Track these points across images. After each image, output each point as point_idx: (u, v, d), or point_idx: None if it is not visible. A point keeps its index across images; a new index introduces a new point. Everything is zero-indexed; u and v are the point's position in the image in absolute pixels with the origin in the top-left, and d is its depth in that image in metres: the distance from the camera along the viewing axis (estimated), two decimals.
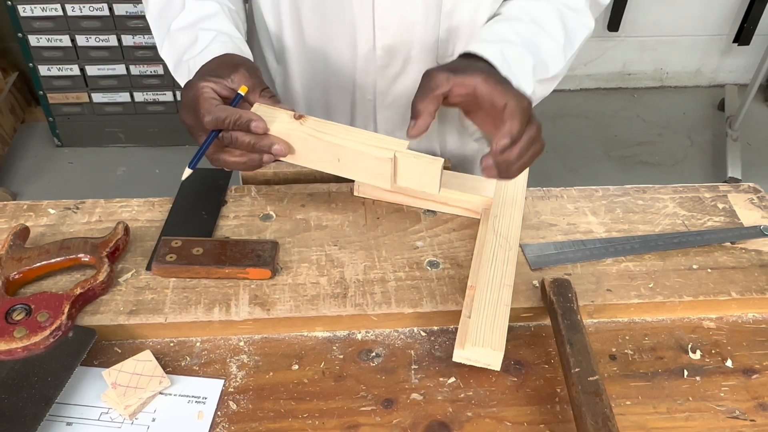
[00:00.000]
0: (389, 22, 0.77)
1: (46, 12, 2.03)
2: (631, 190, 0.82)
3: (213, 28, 0.75)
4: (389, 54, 0.80)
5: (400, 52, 0.80)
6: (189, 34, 0.75)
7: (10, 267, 0.64)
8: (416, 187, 0.67)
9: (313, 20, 0.79)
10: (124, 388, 0.57)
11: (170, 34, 0.77)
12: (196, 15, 0.77)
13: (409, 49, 0.80)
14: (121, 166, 2.31)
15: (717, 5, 2.67)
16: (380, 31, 0.78)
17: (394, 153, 0.65)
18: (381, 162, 0.65)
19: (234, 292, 0.66)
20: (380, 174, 0.66)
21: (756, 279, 0.70)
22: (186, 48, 0.75)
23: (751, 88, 2.40)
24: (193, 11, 0.77)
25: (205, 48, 0.72)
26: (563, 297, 0.64)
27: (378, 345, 0.64)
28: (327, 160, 0.67)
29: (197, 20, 0.76)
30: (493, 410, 0.59)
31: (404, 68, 0.82)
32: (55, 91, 2.21)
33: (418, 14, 0.77)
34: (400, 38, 0.79)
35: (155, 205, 0.76)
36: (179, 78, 0.76)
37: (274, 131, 0.65)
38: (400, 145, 0.66)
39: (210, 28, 0.75)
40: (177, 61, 0.76)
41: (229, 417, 0.57)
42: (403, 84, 0.84)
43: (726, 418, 0.59)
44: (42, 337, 0.59)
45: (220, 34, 0.74)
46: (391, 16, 0.77)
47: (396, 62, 0.81)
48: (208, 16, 0.77)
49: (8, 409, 0.54)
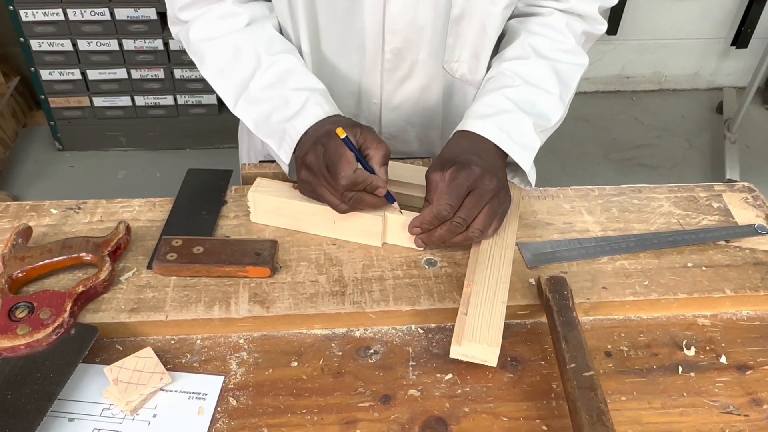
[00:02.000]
0: (399, 26, 0.78)
1: (47, 17, 2.04)
2: (627, 189, 0.83)
3: (302, 87, 0.75)
4: (397, 57, 0.81)
5: (408, 56, 0.81)
6: (276, 94, 0.75)
7: (13, 265, 0.65)
8: (403, 243, 0.72)
9: (326, 22, 0.80)
10: (126, 385, 0.58)
11: (249, 93, 0.77)
12: (277, 73, 0.76)
13: (417, 53, 0.81)
14: (122, 170, 2.32)
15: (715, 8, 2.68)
16: (390, 35, 0.78)
17: (384, 212, 0.70)
18: (372, 221, 0.70)
19: (234, 290, 0.67)
20: (371, 233, 0.71)
21: (750, 277, 0.71)
22: (276, 109, 0.75)
23: (749, 90, 2.41)
24: (272, 68, 0.76)
25: (302, 109, 0.73)
26: (559, 294, 0.65)
27: (376, 342, 0.65)
28: (323, 223, 0.72)
29: (280, 79, 0.76)
30: (489, 406, 0.60)
31: (411, 72, 0.83)
32: (56, 95, 2.22)
33: (428, 19, 0.78)
34: (408, 42, 0.79)
35: (156, 205, 0.77)
36: (264, 135, 0.76)
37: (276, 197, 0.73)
38: (390, 206, 0.71)
39: (299, 87, 0.75)
40: (263, 120, 0.76)
41: (229, 413, 0.58)
42: (410, 88, 0.85)
43: (720, 414, 0.60)
44: (44, 335, 0.59)
45: (313, 93, 0.74)
46: (402, 20, 0.77)
47: (404, 66, 0.82)
48: (291, 71, 0.77)
49: (11, 405, 0.55)
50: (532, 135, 0.75)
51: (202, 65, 0.81)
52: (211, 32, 0.79)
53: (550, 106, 0.78)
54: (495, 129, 0.73)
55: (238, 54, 0.78)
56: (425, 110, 0.89)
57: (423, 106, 0.89)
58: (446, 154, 0.71)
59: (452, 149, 0.72)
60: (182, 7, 0.80)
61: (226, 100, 0.79)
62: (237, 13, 0.79)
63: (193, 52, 0.82)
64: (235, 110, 0.79)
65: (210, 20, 0.79)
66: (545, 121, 0.77)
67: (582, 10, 0.83)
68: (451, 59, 0.83)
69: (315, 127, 0.71)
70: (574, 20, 0.83)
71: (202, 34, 0.80)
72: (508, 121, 0.74)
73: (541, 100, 0.78)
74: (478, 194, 0.67)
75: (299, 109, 0.73)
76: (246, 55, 0.77)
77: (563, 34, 0.82)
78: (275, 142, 0.74)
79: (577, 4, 0.82)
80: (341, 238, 0.73)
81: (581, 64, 0.83)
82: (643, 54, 2.78)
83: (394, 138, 0.92)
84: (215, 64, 0.80)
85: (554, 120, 0.78)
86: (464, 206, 0.67)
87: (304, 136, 0.71)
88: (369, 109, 0.88)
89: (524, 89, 0.77)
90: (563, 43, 0.82)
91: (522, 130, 0.74)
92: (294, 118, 0.72)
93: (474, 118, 0.74)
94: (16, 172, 2.29)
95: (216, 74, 0.80)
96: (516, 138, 0.73)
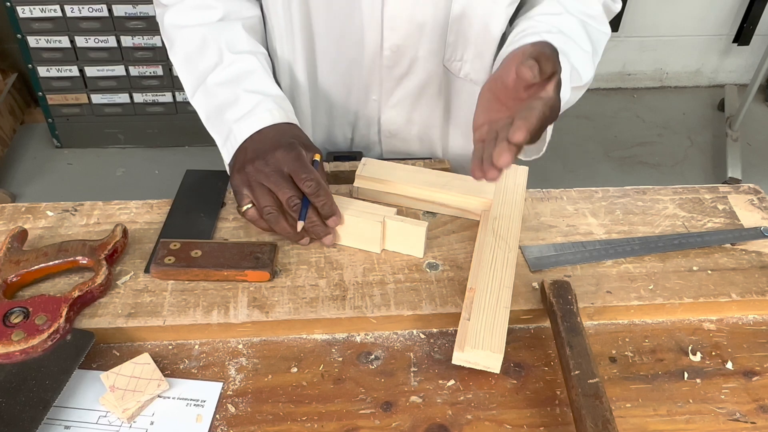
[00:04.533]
0: (398, 23, 0.77)
1: (45, 13, 2.03)
2: (631, 191, 0.82)
3: (255, 90, 0.75)
4: (396, 54, 0.80)
5: (406, 53, 0.80)
6: (229, 92, 0.76)
7: (7, 270, 0.64)
8: (402, 250, 0.71)
9: (323, 17, 0.79)
10: (123, 391, 0.57)
11: (206, 86, 0.78)
12: (235, 72, 0.77)
13: (416, 50, 0.80)
14: (121, 167, 2.31)
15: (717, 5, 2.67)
16: (388, 32, 0.78)
17: (383, 217, 0.69)
18: (371, 226, 0.69)
19: (233, 294, 0.66)
20: (370, 238, 0.70)
21: (756, 280, 0.70)
22: (226, 107, 0.75)
23: (751, 88, 2.39)
24: (231, 66, 0.77)
25: (250, 112, 0.73)
26: (563, 299, 0.64)
27: (377, 347, 0.64)
28: None
29: (237, 78, 0.76)
30: (492, 413, 0.59)
31: (410, 69, 0.82)
32: (54, 92, 2.21)
33: (427, 16, 0.77)
34: (407, 39, 0.79)
35: (154, 207, 0.76)
36: (213, 130, 0.77)
37: None
38: (389, 212, 0.70)
39: (253, 89, 0.75)
40: (214, 115, 0.77)
41: (228, 420, 0.57)
42: (409, 85, 0.84)
43: (726, 421, 0.59)
44: (40, 340, 0.58)
45: (265, 99, 0.74)
46: (400, 17, 0.77)
47: (403, 63, 0.81)
48: (247, 73, 0.77)
49: (6, 413, 0.54)
50: (567, 81, 0.70)
51: (171, 50, 0.83)
52: (183, 20, 0.80)
53: (583, 62, 0.76)
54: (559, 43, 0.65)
55: (204, 47, 0.79)
56: (425, 108, 0.88)
57: (423, 105, 0.88)
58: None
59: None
60: None
61: (186, 89, 0.81)
62: (211, 7, 0.80)
63: (165, 36, 0.83)
64: (192, 100, 0.80)
65: (185, 8, 0.80)
66: (577, 76, 0.75)
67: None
68: (452, 58, 0.82)
69: (261, 132, 0.71)
70: None
71: (176, 20, 0.81)
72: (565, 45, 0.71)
73: (576, 54, 0.76)
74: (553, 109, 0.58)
75: (247, 112, 0.73)
76: (211, 49, 0.78)
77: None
78: (221, 139, 0.76)
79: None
80: (343, 243, 0.72)
81: (606, 32, 0.82)
82: (644, 51, 2.77)
83: (394, 136, 0.91)
84: (182, 51, 0.81)
85: (585, 79, 0.76)
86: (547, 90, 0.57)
87: (248, 140, 0.71)
88: (368, 106, 0.87)
89: (561, 37, 0.75)
90: (591, 7, 0.81)
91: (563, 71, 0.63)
92: (241, 120, 0.73)
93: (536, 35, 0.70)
94: (14, 170, 2.28)
95: (181, 61, 0.81)
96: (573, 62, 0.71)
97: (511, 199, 0.75)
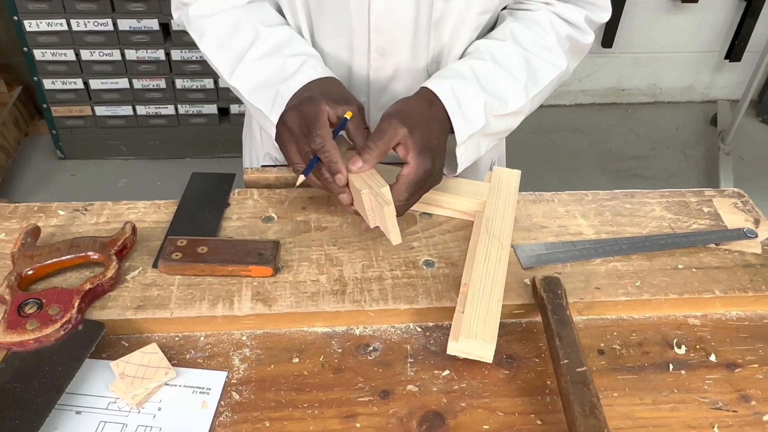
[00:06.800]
0: (383, 26, 0.80)
1: (51, 27, 2.07)
2: (620, 194, 0.85)
3: (298, 53, 0.78)
4: (383, 57, 0.83)
5: (392, 56, 0.83)
6: (272, 61, 0.78)
7: (22, 264, 0.67)
8: (383, 228, 0.70)
9: (319, 20, 0.82)
10: (132, 379, 0.60)
11: (246, 63, 0.80)
12: (274, 42, 0.80)
13: (401, 54, 0.82)
14: (123, 178, 2.34)
15: (709, 23, 2.73)
16: (374, 34, 0.80)
17: (368, 189, 0.67)
18: (362, 196, 0.68)
19: (237, 288, 0.68)
20: (364, 210, 0.69)
21: (739, 278, 0.73)
22: (272, 74, 0.78)
23: (743, 103, 2.44)
24: (270, 38, 0.80)
25: (297, 71, 0.76)
26: (553, 293, 0.67)
27: (375, 340, 0.67)
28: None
29: (277, 47, 0.79)
30: (485, 401, 0.61)
31: (396, 73, 0.84)
32: (58, 105, 2.25)
33: (410, 20, 0.79)
34: (392, 42, 0.81)
35: (161, 207, 0.79)
36: (258, 101, 0.79)
37: None
38: (383, 186, 0.68)
39: (295, 53, 0.78)
40: (259, 86, 0.79)
41: (232, 406, 0.60)
42: (396, 87, 0.86)
43: (709, 409, 0.61)
44: (53, 330, 0.61)
45: (310, 58, 0.78)
46: (385, 20, 0.79)
47: (389, 65, 0.84)
48: (288, 41, 0.80)
49: (21, 398, 0.57)
50: (479, 111, 0.76)
51: (201, 41, 0.83)
52: (211, 8, 0.82)
53: (511, 92, 0.79)
54: (449, 91, 0.75)
55: (237, 28, 0.81)
56: None
57: None
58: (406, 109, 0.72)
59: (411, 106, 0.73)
60: None
61: (223, 72, 0.82)
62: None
63: (193, 29, 0.84)
64: (231, 80, 0.81)
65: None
66: (501, 104, 0.78)
67: (568, 16, 0.85)
68: (434, 62, 0.84)
69: (306, 86, 0.74)
70: (560, 22, 0.84)
71: (202, 10, 0.83)
72: (462, 87, 0.76)
73: (504, 82, 0.79)
74: (424, 189, 0.71)
75: (294, 72, 0.76)
76: (245, 28, 0.80)
77: (545, 30, 0.83)
78: (268, 104, 0.77)
79: (562, 9, 0.84)
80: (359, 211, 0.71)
81: (557, 65, 0.83)
82: (638, 67, 2.82)
83: None
84: (214, 37, 0.82)
85: (512, 107, 0.79)
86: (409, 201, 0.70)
87: (294, 96, 0.73)
88: None
89: (490, 65, 0.79)
90: (543, 38, 0.83)
91: (472, 101, 0.76)
92: (288, 79, 0.75)
93: (435, 78, 0.77)
94: (18, 181, 2.31)
95: (214, 48, 0.82)
96: (463, 106, 0.75)
97: (504, 200, 0.78)
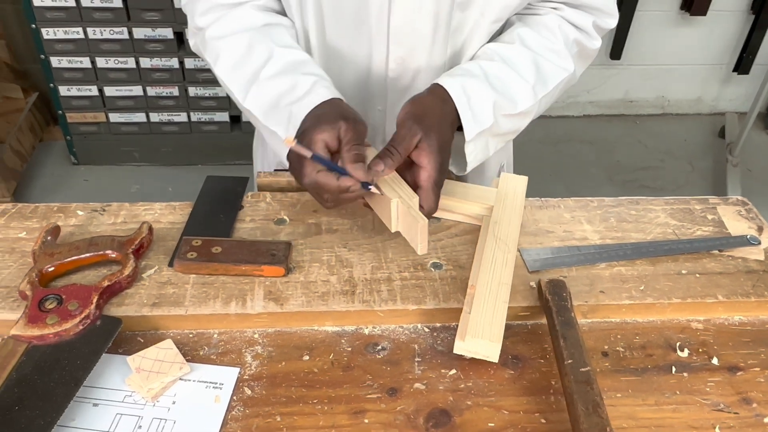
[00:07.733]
0: (403, 36, 0.81)
1: (68, 35, 2.12)
2: (625, 201, 0.86)
3: (312, 73, 0.78)
4: (401, 66, 0.84)
5: (411, 65, 0.84)
6: (287, 80, 0.77)
7: (43, 261, 0.69)
8: (408, 237, 0.72)
9: (334, 28, 0.83)
10: (147, 373, 0.62)
11: (259, 82, 0.79)
12: (288, 61, 0.79)
13: (420, 63, 0.84)
14: (135, 184, 2.37)
15: (717, 35, 2.74)
16: (394, 44, 0.82)
17: (397, 199, 0.70)
18: (389, 205, 0.70)
19: (250, 287, 0.70)
20: (389, 216, 0.71)
21: (742, 284, 0.74)
22: (284, 93, 0.77)
23: (750, 115, 2.45)
24: (284, 58, 0.79)
25: (309, 91, 0.75)
26: (558, 296, 0.68)
27: (384, 339, 0.68)
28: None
29: (291, 65, 0.79)
30: (491, 399, 0.63)
31: (414, 82, 0.86)
32: (73, 111, 2.29)
33: (429, 30, 0.81)
34: (412, 52, 0.83)
35: (176, 209, 0.81)
36: (272, 123, 0.78)
37: None
38: (413, 198, 0.70)
39: (309, 72, 0.78)
40: (272, 107, 0.78)
41: (244, 401, 0.61)
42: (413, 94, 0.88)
43: (711, 411, 0.63)
44: (72, 324, 0.63)
45: (321, 79, 0.77)
46: (405, 30, 0.81)
47: (407, 74, 0.86)
48: (302, 62, 0.80)
49: (41, 389, 0.59)
50: (488, 109, 0.77)
51: (216, 64, 0.83)
52: (227, 30, 0.82)
53: (520, 92, 0.81)
54: (459, 89, 0.76)
55: (252, 48, 0.80)
56: None
57: None
58: (421, 112, 0.73)
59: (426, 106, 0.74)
60: (202, 12, 0.83)
61: (237, 95, 0.81)
62: (254, 16, 0.82)
63: (209, 53, 0.84)
64: (245, 103, 0.81)
65: (228, 21, 0.82)
66: (510, 104, 0.80)
67: (576, 20, 0.87)
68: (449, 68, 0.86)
69: (319, 107, 0.74)
70: (568, 26, 0.86)
71: (219, 32, 0.82)
72: (472, 85, 0.77)
73: (513, 83, 0.80)
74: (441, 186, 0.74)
75: (306, 92, 0.75)
76: (259, 48, 0.80)
77: (553, 33, 0.85)
78: (282, 126, 0.76)
79: (570, 14, 0.86)
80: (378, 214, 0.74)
81: (564, 68, 0.85)
82: (646, 79, 2.84)
83: None
84: (229, 59, 0.82)
85: (521, 107, 0.81)
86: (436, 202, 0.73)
87: (307, 116, 0.73)
88: (374, 116, 0.92)
89: (499, 65, 0.81)
90: (551, 41, 0.84)
91: (482, 99, 0.77)
92: (301, 99, 0.75)
93: (446, 75, 0.79)
94: (32, 185, 2.35)
95: (229, 69, 0.82)
96: (473, 104, 0.76)
97: (511, 205, 0.79)
